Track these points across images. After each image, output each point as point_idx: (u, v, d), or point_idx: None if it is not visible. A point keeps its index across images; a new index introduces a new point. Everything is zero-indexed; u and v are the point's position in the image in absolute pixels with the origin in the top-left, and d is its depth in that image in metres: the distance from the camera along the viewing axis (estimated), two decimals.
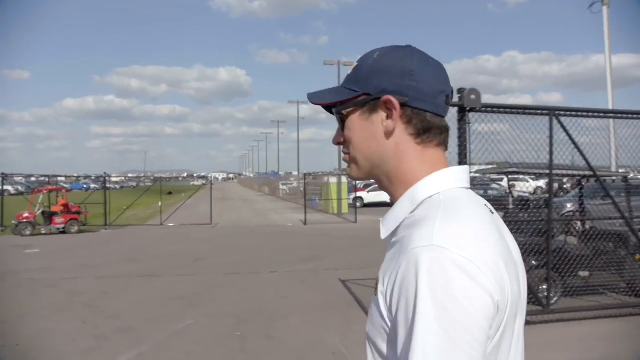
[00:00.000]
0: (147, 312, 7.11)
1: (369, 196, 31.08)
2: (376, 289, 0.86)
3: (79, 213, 19.22)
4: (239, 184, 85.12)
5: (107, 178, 22.79)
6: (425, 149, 0.93)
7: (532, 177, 14.48)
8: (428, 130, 0.93)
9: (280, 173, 71.70)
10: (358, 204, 26.85)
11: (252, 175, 78.10)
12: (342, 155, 1.02)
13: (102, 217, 20.71)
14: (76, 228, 18.52)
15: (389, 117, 0.92)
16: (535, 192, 35.34)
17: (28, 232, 17.70)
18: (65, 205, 18.87)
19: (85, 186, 55.54)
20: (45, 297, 8.13)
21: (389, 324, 0.81)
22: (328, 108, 1.01)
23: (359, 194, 30.02)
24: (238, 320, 6.61)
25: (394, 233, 0.91)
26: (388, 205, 0.99)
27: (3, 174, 21.33)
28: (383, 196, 25.19)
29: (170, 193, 49.61)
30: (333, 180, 27.70)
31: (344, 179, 27.87)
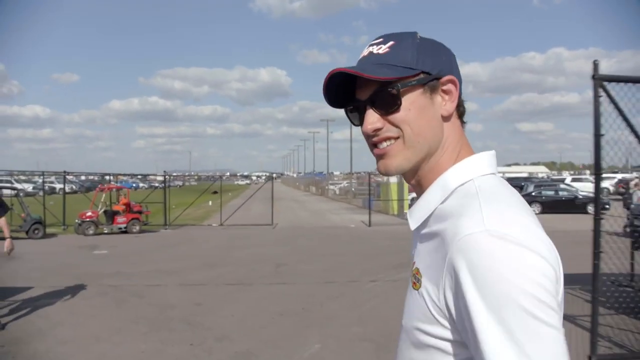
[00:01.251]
0: (261, 332, 6.05)
1: None
2: (416, 282, 0.83)
3: (140, 212, 18.58)
4: (283, 184, 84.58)
5: (167, 177, 22.10)
6: (462, 132, 0.94)
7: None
8: (464, 113, 0.94)
9: (323, 173, 70.89)
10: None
11: (294, 175, 77.55)
12: (377, 145, 0.89)
13: (161, 216, 20.09)
14: (138, 228, 17.86)
15: (449, 98, 0.89)
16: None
17: (91, 232, 17.11)
18: (127, 205, 18.24)
19: (134, 185, 55.85)
20: (134, 309, 7.21)
21: (446, 319, 0.77)
22: (336, 92, 0.93)
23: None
24: (376, 345, 5.49)
25: (424, 224, 0.87)
26: None
27: (65, 172, 20.93)
28: None
29: (215, 192, 49.25)
30: (393, 180, 26.35)
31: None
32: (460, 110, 0.93)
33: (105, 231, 17.48)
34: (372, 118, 0.88)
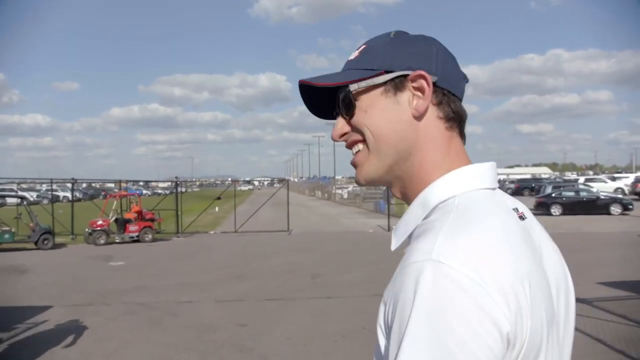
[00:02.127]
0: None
1: None
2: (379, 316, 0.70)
3: (152, 220, 17.74)
4: (286, 189, 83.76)
5: (178, 182, 21.24)
6: (451, 137, 0.79)
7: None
8: (456, 115, 0.79)
9: (327, 177, 70.25)
10: None
11: (296, 180, 77.00)
12: (353, 152, 0.82)
13: (170, 223, 19.25)
14: (150, 236, 17.01)
15: (419, 96, 0.76)
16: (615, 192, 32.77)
17: (102, 241, 16.25)
18: (139, 212, 17.40)
19: (138, 192, 54.93)
20: (172, 332, 6.37)
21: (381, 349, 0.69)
22: (321, 103, 0.86)
23: None
24: None
25: (405, 244, 0.76)
26: None
27: (73, 179, 20.07)
28: None
29: (219, 198, 48.51)
30: None
31: None
32: (445, 110, 0.78)
33: (117, 240, 16.62)
34: (339, 124, 0.82)
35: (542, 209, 24.17)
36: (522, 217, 0.77)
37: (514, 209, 0.77)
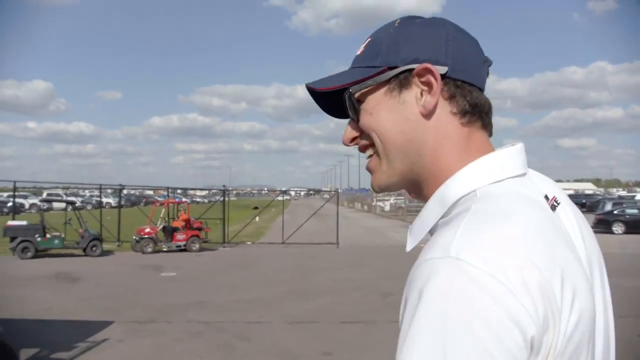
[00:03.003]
0: None
1: None
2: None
3: (200, 229, 17.20)
4: (322, 200, 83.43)
5: (226, 191, 20.71)
6: (470, 133, 0.70)
7: None
8: (474, 108, 0.70)
9: (366, 189, 69.44)
10: None
11: (332, 191, 76.56)
12: (366, 156, 0.76)
13: (215, 232, 18.70)
14: (197, 246, 16.46)
15: (426, 91, 0.69)
16: None
17: (149, 249, 15.78)
18: (187, 221, 16.90)
19: (186, 200, 55.19)
20: None
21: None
22: (332, 104, 0.78)
23: None
24: None
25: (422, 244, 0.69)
26: None
27: (121, 185, 19.76)
28: None
29: (256, 208, 48.23)
30: None
31: None
32: (459, 104, 0.69)
33: (164, 249, 16.12)
34: (348, 128, 0.77)
35: (602, 226, 22.72)
36: (554, 205, 0.70)
37: (544, 196, 0.70)
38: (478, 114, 0.71)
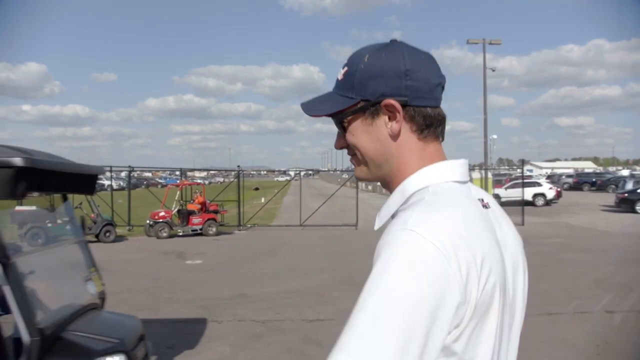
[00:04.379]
0: None
1: (506, 193, 26.98)
2: None
3: (216, 212, 16.34)
4: (323, 180, 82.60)
5: (240, 172, 19.75)
6: (425, 144, 0.93)
7: None
8: (430, 125, 0.93)
9: None
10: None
11: (332, 171, 76.18)
12: (350, 157, 1.01)
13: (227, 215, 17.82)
14: (214, 229, 15.64)
15: (391, 119, 0.91)
16: None
17: (165, 234, 14.95)
18: (203, 204, 16.02)
19: (176, 181, 54.21)
20: None
21: None
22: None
23: (495, 190, 26.06)
24: None
25: (385, 225, 0.92)
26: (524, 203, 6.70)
27: (130, 167, 18.76)
28: (519, 193, 21.30)
29: (257, 189, 47.39)
30: (476, 175, 23.54)
31: (490, 174, 23.97)
32: (417, 124, 0.92)
33: (180, 233, 15.28)
34: (338, 137, 1.00)
35: (625, 205, 22.07)
36: (485, 206, 0.94)
37: (479, 199, 0.93)
38: (433, 128, 0.93)
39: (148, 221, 15.32)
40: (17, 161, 2.31)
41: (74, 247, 3.80)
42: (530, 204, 25.51)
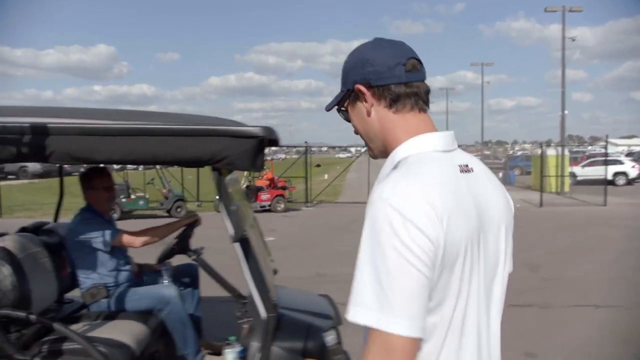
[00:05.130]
0: None
1: (583, 171, 25.46)
2: None
3: (284, 188, 16.22)
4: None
5: (308, 148, 19.53)
6: (402, 115, 1.14)
7: None
8: (397, 99, 1.13)
9: None
10: (570, 181, 21.81)
11: None
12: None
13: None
14: (283, 206, 15.54)
15: (364, 100, 1.16)
16: None
17: None
18: (272, 180, 15.92)
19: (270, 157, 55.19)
20: None
21: None
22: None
23: (572, 169, 24.54)
24: None
25: None
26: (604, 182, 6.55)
27: None
28: (599, 171, 19.96)
29: (318, 165, 47.29)
30: (551, 152, 22.17)
31: (567, 151, 22.57)
32: (386, 101, 1.14)
33: None
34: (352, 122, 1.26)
35: None
36: (467, 171, 1.11)
37: (461, 165, 1.11)
38: (403, 101, 1.12)
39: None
40: (259, 131, 2.31)
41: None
42: (610, 183, 23.99)
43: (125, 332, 2.59)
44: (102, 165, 3.39)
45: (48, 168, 26.91)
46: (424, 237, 0.94)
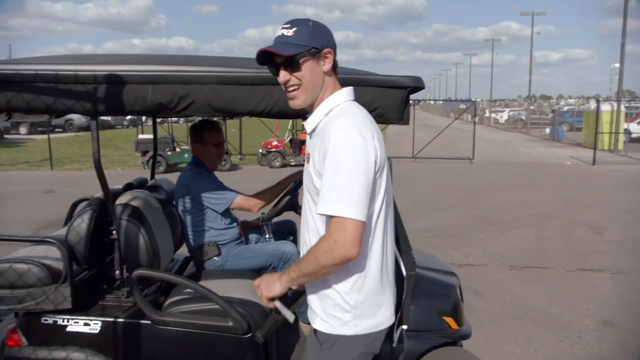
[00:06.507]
0: None
1: (639, 128, 24.19)
2: (308, 160, 1.65)
3: None
4: (423, 111, 79.97)
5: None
6: (335, 79, 1.66)
7: None
8: (336, 66, 1.66)
9: (468, 99, 65.44)
10: (625, 138, 20.67)
11: (432, 102, 73.40)
12: (288, 90, 1.63)
13: None
14: None
15: (327, 62, 1.61)
16: None
17: (277, 164, 14.89)
18: None
19: None
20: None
21: (320, 175, 1.55)
22: (272, 57, 1.61)
23: (627, 125, 23.24)
24: None
25: (315, 129, 1.64)
26: None
27: None
28: None
29: None
30: (606, 108, 20.95)
31: (623, 107, 21.35)
32: (335, 66, 1.64)
33: (292, 163, 15.12)
34: (284, 74, 1.60)
35: None
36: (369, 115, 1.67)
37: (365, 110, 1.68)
38: (337, 69, 1.67)
39: (261, 150, 15.31)
40: (409, 81, 2.11)
41: None
42: None
43: (252, 290, 2.33)
44: (214, 119, 3.17)
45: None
46: (374, 152, 1.50)
